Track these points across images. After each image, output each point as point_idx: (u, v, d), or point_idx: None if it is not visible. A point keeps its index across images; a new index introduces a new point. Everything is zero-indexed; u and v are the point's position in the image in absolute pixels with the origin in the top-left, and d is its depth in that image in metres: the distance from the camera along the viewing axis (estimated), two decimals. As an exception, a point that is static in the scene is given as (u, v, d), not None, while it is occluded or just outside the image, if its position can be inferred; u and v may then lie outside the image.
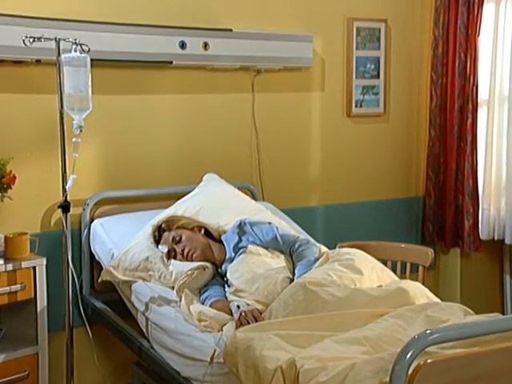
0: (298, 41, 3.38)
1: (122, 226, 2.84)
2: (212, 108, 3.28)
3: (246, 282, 2.27)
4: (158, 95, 3.14)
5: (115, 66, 2.97)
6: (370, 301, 1.99)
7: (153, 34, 2.99)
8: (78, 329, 2.75)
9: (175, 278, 2.43)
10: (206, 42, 3.11)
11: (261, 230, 2.51)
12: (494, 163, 3.60)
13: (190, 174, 3.16)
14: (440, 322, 1.81)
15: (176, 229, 2.55)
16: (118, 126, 3.05)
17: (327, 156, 3.64)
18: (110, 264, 2.59)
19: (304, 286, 2.01)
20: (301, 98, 3.55)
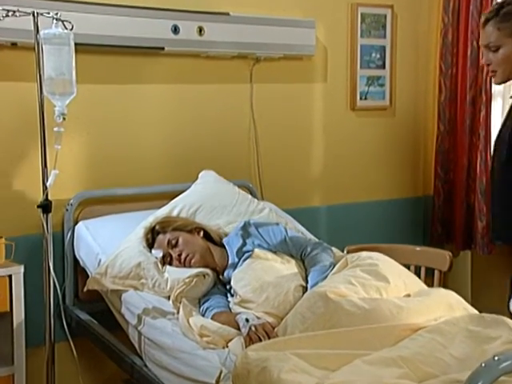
0: (300, 27, 3.14)
1: (110, 228, 2.58)
2: (207, 99, 3.04)
3: (253, 292, 2.00)
4: (148, 85, 2.89)
5: (100, 51, 2.71)
6: (401, 313, 1.72)
7: (143, 17, 2.73)
8: (60, 344, 2.46)
9: (171, 287, 2.17)
10: (200, 27, 2.87)
11: (268, 231, 2.25)
12: (510, 159, 3.35)
13: (184, 171, 2.91)
14: (487, 338, 1.56)
15: (172, 231, 2.28)
16: (105, 119, 2.80)
17: (330, 152, 3.41)
18: (96, 271, 2.32)
19: (324, 295, 1.74)
20: (302, 89, 3.31)
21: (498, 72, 2.05)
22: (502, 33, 1.99)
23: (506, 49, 2.00)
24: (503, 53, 2.01)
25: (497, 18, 1.99)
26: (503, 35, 1.99)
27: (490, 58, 2.05)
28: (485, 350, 1.50)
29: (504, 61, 2.01)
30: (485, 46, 2.07)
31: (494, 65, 2.05)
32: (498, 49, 2.01)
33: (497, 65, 2.04)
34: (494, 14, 2.00)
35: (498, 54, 2.02)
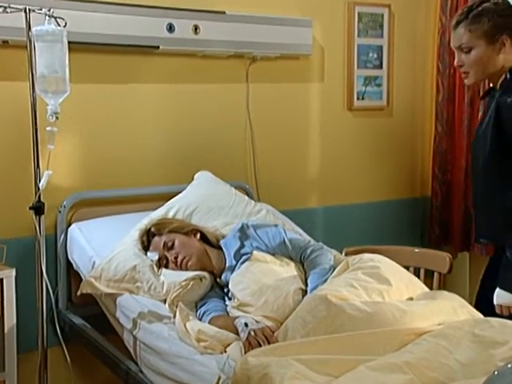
0: (296, 26, 3.10)
1: (105, 230, 2.52)
2: (203, 99, 2.99)
3: (252, 295, 1.95)
4: (143, 84, 2.84)
5: (94, 50, 2.66)
6: (404, 316, 1.68)
7: (137, 15, 2.69)
8: (52, 349, 2.40)
9: (167, 290, 2.12)
10: (196, 25, 2.82)
11: (266, 233, 2.20)
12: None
13: (179, 172, 2.87)
14: (494, 343, 1.51)
15: (168, 233, 2.23)
16: (98, 119, 2.75)
17: (326, 153, 3.37)
18: (90, 274, 2.26)
19: (326, 299, 1.69)
20: (299, 89, 3.27)
21: (471, 73, 2.07)
22: (473, 34, 2.01)
23: (477, 50, 2.02)
24: (475, 54, 2.03)
25: (467, 20, 2.02)
26: (474, 37, 2.01)
27: (462, 60, 2.07)
28: (492, 355, 1.45)
29: (476, 62, 2.03)
30: (457, 48, 2.08)
31: (466, 66, 2.07)
32: (470, 50, 2.03)
33: (469, 66, 2.05)
34: (464, 16, 2.03)
35: (470, 55, 2.04)
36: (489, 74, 2.07)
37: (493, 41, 2.01)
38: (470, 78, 2.09)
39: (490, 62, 2.03)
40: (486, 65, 2.04)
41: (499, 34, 2.00)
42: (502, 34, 2.00)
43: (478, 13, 2.00)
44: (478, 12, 2.00)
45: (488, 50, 2.01)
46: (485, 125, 2.06)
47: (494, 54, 2.02)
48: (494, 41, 2.01)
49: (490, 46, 2.01)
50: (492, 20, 1.99)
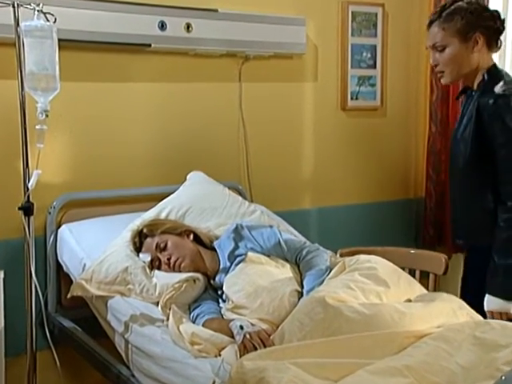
0: (290, 24, 3.06)
1: (95, 231, 2.47)
2: (195, 98, 2.95)
3: (247, 297, 1.91)
4: (134, 83, 2.79)
5: (84, 48, 2.62)
6: (403, 319, 1.64)
7: (128, 12, 2.64)
8: (42, 352, 2.34)
9: (160, 292, 2.08)
10: (188, 23, 2.78)
11: (261, 234, 2.15)
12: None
13: (171, 172, 2.82)
14: (496, 345, 1.48)
15: (160, 234, 2.18)
16: (89, 118, 2.70)
17: (320, 153, 3.33)
18: (81, 277, 2.21)
19: (323, 301, 1.65)
20: (292, 88, 3.23)
21: (446, 72, 2.08)
22: (446, 33, 2.03)
23: (451, 48, 2.03)
24: (449, 52, 2.04)
25: (441, 19, 2.04)
26: (448, 35, 2.03)
27: (436, 59, 2.08)
28: (495, 359, 1.42)
29: (451, 60, 2.05)
30: (431, 47, 2.09)
31: (441, 65, 2.08)
32: (444, 48, 2.04)
33: (444, 65, 2.07)
34: (437, 15, 2.06)
35: (444, 53, 2.05)
36: (464, 73, 2.08)
37: (466, 39, 2.02)
38: (445, 77, 2.09)
39: (464, 60, 2.04)
40: (461, 63, 2.05)
41: (472, 32, 2.01)
42: (475, 31, 2.01)
43: (450, 11, 2.02)
44: (450, 11, 2.02)
45: (462, 48, 2.02)
46: (464, 126, 2.05)
47: (468, 52, 2.03)
48: (468, 39, 2.02)
49: (463, 44, 2.02)
50: (465, 18, 2.00)
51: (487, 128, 1.98)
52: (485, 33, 2.03)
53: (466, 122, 2.04)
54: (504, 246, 1.99)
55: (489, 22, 2.02)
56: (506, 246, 1.99)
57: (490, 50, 2.08)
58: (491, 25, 2.03)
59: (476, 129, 2.00)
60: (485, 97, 1.99)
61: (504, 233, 1.98)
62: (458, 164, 2.07)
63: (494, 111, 1.96)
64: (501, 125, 1.96)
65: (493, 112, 1.97)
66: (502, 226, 1.98)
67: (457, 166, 2.09)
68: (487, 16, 2.03)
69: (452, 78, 2.10)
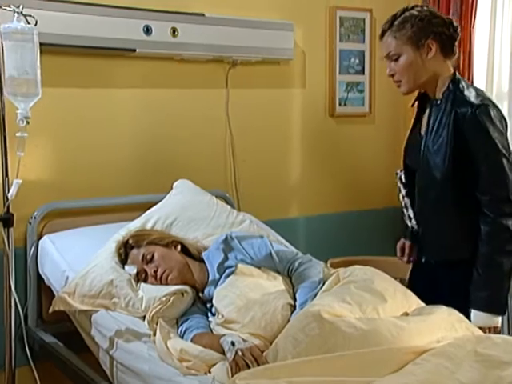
0: (278, 29, 3.02)
1: (78, 242, 2.39)
2: (181, 105, 2.89)
3: (237, 311, 1.83)
4: (118, 89, 2.73)
5: (66, 52, 2.55)
6: (401, 334, 1.57)
7: (113, 16, 2.58)
8: (21, 368, 2.25)
9: (146, 306, 1.99)
10: (174, 28, 2.72)
11: (251, 245, 2.08)
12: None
13: (157, 181, 2.76)
14: (500, 363, 1.42)
15: (146, 245, 2.11)
16: (71, 125, 2.62)
17: (308, 160, 3.28)
18: (64, 290, 2.12)
19: (318, 315, 1.58)
20: (280, 95, 3.19)
21: (403, 81, 2.06)
22: (399, 41, 2.02)
23: (405, 56, 2.02)
24: (404, 60, 2.02)
25: (392, 28, 2.03)
26: (401, 43, 2.02)
27: (392, 68, 2.06)
28: (500, 378, 1.36)
29: (406, 68, 2.03)
30: (386, 57, 2.08)
31: (397, 74, 2.06)
32: (399, 57, 2.03)
33: (400, 74, 2.05)
34: (389, 24, 2.05)
35: (399, 62, 2.03)
36: (422, 81, 2.06)
37: (419, 46, 2.00)
38: (403, 86, 2.07)
39: (419, 67, 2.02)
40: (416, 71, 2.03)
41: (424, 39, 2.00)
42: (427, 38, 2.00)
43: (401, 20, 2.02)
44: (401, 19, 2.02)
45: (416, 55, 2.01)
46: (439, 137, 2.00)
47: (423, 59, 2.02)
48: (420, 46, 2.00)
49: (416, 51, 2.01)
50: (415, 25, 1.99)
51: (468, 139, 1.94)
52: (437, 39, 2.00)
53: (441, 133, 2.00)
54: (488, 260, 1.95)
55: (440, 28, 2.00)
56: (490, 260, 1.95)
57: (447, 58, 2.06)
58: (443, 31, 2.01)
59: (455, 140, 1.95)
60: (462, 107, 1.95)
61: (487, 246, 1.95)
62: (434, 177, 2.02)
63: (475, 122, 1.93)
64: (484, 135, 1.93)
65: (474, 123, 1.93)
66: (484, 240, 1.95)
67: (431, 180, 2.04)
68: (438, 22, 2.01)
69: (409, 86, 2.07)
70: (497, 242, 1.94)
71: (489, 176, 1.94)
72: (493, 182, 1.95)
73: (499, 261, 1.94)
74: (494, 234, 1.94)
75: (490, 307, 1.93)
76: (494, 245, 1.95)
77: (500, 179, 1.95)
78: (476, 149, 1.94)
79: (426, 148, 2.04)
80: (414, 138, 2.19)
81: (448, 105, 2.00)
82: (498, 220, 1.93)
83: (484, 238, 1.95)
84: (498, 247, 1.94)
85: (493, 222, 1.94)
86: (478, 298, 1.94)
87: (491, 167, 1.94)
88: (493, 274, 1.95)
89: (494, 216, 1.94)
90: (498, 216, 1.93)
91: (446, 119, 1.99)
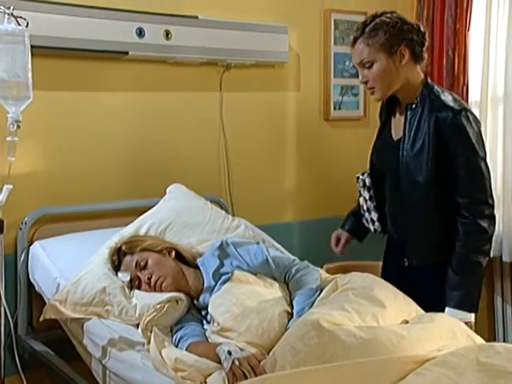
0: (272, 32, 2.99)
1: (70, 249, 2.34)
2: (174, 108, 2.86)
3: (234, 319, 1.80)
4: (110, 92, 2.69)
5: (58, 55, 2.51)
6: (402, 342, 1.54)
7: (105, 18, 2.53)
8: (10, 378, 2.22)
9: (140, 314, 1.95)
10: (167, 31, 2.69)
11: (248, 251, 2.04)
12: (488, 172, 3.24)
13: (150, 185, 2.72)
14: (504, 372, 1.39)
15: (140, 251, 2.06)
16: (63, 129, 2.58)
17: (303, 164, 3.25)
18: (55, 298, 2.07)
19: (317, 324, 1.55)
20: (274, 98, 3.15)
21: (377, 88, 2.07)
22: (372, 48, 2.02)
23: (379, 63, 2.02)
24: (378, 67, 2.03)
25: (364, 35, 2.03)
26: (374, 50, 2.02)
27: (366, 75, 2.07)
28: (505, 388, 1.33)
29: (380, 75, 2.03)
30: (359, 64, 2.08)
31: (371, 81, 2.06)
32: (372, 64, 2.03)
33: (374, 80, 2.05)
34: (360, 32, 2.05)
35: (372, 69, 2.04)
36: (395, 87, 2.07)
37: (392, 52, 2.01)
38: (376, 92, 2.08)
39: (393, 74, 2.03)
40: (390, 78, 2.04)
41: (397, 46, 2.01)
42: (400, 45, 2.01)
43: (373, 27, 2.02)
44: (372, 26, 2.03)
45: (389, 62, 2.02)
46: (419, 141, 2.03)
47: (396, 65, 2.03)
48: (393, 52, 2.01)
49: (390, 58, 2.02)
50: (388, 32, 2.00)
51: (448, 142, 1.98)
52: (409, 45, 2.02)
53: (420, 136, 2.03)
54: (465, 260, 2.00)
55: (411, 35, 2.03)
56: (467, 260, 2.00)
57: (417, 63, 2.08)
58: (413, 37, 2.03)
59: (436, 143, 1.99)
60: (442, 112, 1.99)
61: (465, 247, 2.00)
62: (416, 180, 2.04)
63: (457, 126, 1.97)
64: (465, 140, 1.98)
65: (456, 127, 1.97)
66: (462, 240, 2.00)
67: (413, 183, 2.06)
68: (408, 29, 2.03)
69: (383, 92, 2.08)
70: (474, 242, 2.00)
71: (468, 179, 1.99)
72: (472, 185, 2.00)
73: (476, 260, 2.00)
74: (472, 234, 2.00)
75: (466, 305, 1.98)
76: (472, 245, 2.00)
77: (479, 182, 2.01)
78: (457, 153, 1.98)
79: (405, 151, 2.06)
80: (385, 142, 2.22)
81: (425, 109, 2.03)
82: (477, 221, 1.99)
83: (462, 238, 2.00)
84: (474, 247, 2.00)
85: (471, 223, 1.99)
86: (454, 296, 1.98)
87: (471, 170, 1.99)
88: (469, 274, 2.00)
89: (472, 218, 1.99)
90: (477, 218, 1.99)
91: (424, 123, 2.03)
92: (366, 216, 2.32)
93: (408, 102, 2.09)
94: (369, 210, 2.30)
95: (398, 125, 2.15)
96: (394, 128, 2.19)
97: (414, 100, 2.07)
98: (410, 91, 2.07)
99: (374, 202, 2.28)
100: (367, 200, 2.29)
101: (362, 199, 2.32)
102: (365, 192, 2.29)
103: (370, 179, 2.28)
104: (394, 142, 2.14)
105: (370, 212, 2.29)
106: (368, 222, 2.33)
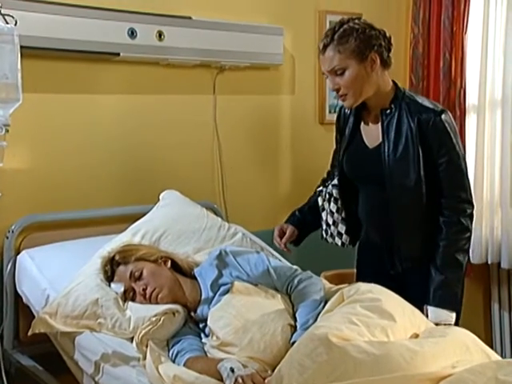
0: (267, 33, 2.92)
1: (60, 258, 2.25)
2: (166, 111, 2.78)
3: (235, 333, 1.71)
4: (101, 95, 2.60)
5: (47, 56, 2.42)
6: (415, 358, 1.46)
7: (96, 18, 2.45)
8: (-4, 394, 2.12)
9: (135, 327, 1.86)
10: (160, 31, 2.61)
11: (248, 261, 1.96)
12: (486, 177, 3.20)
13: (141, 191, 2.64)
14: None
15: (134, 261, 1.97)
16: (52, 133, 2.49)
17: (298, 168, 3.18)
18: (44, 310, 1.97)
19: (326, 339, 1.46)
20: (269, 101, 3.09)
21: (349, 95, 2.03)
22: (343, 55, 1.99)
23: (351, 70, 1.99)
24: (350, 74, 2.00)
25: (334, 42, 2.00)
26: (345, 57, 1.99)
27: (337, 82, 2.03)
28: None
29: (352, 82, 2.00)
30: (329, 72, 2.04)
31: (343, 88, 2.03)
32: (344, 71, 2.00)
33: (346, 87, 2.02)
34: (330, 38, 2.01)
35: (344, 76, 2.01)
36: (367, 94, 2.04)
37: (363, 59, 1.99)
38: (348, 99, 2.05)
39: (365, 80, 2.01)
40: (362, 84, 2.01)
41: (368, 51, 1.99)
42: (370, 51, 2.00)
43: (342, 33, 2.00)
44: (342, 32, 2.00)
45: (360, 68, 2.00)
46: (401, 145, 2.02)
47: (368, 71, 2.01)
48: (364, 58, 1.99)
49: (361, 64, 1.99)
50: (358, 38, 1.98)
51: (431, 144, 1.99)
52: (379, 51, 2.01)
53: (402, 140, 2.02)
54: (449, 259, 2.01)
55: (379, 41, 2.01)
56: (451, 259, 2.01)
57: (386, 69, 2.07)
58: (382, 43, 2.02)
59: (420, 145, 1.99)
60: (423, 113, 1.99)
61: (449, 246, 2.01)
62: (404, 184, 2.03)
63: (440, 127, 1.98)
64: (448, 141, 1.99)
65: (439, 128, 1.98)
66: (446, 240, 2.01)
67: (402, 187, 2.04)
68: (376, 34, 2.02)
69: (356, 99, 2.04)
70: (458, 241, 2.02)
71: (451, 179, 2.01)
72: (455, 184, 2.02)
73: (459, 259, 2.02)
74: (456, 233, 2.01)
75: (449, 304, 1.99)
76: (456, 244, 2.01)
77: (461, 182, 2.03)
78: (440, 153, 1.99)
79: (388, 157, 2.04)
80: (359, 150, 2.17)
81: (402, 112, 2.03)
82: (461, 220, 2.01)
83: (445, 237, 2.01)
84: (458, 246, 2.02)
85: (455, 222, 2.01)
86: (438, 295, 1.99)
87: (454, 171, 2.01)
88: (452, 273, 2.01)
89: (456, 217, 2.01)
90: (461, 217, 2.01)
91: (404, 126, 2.02)
92: (331, 230, 2.27)
93: (380, 107, 2.07)
94: (335, 224, 2.26)
95: (370, 133, 2.13)
96: (366, 136, 2.15)
97: (386, 105, 2.06)
98: (382, 97, 2.06)
99: (342, 214, 2.24)
100: (334, 213, 2.25)
101: (325, 213, 2.28)
102: (331, 205, 2.25)
103: (337, 190, 2.23)
104: (371, 149, 2.12)
105: (336, 225, 2.26)
106: (333, 237, 2.29)
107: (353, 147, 2.19)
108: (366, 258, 2.28)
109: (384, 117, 2.06)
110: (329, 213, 2.27)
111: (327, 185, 2.30)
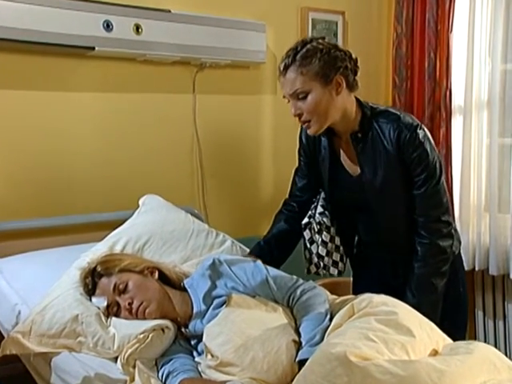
0: (249, 29, 2.80)
1: (32, 270, 2.06)
2: (144, 111, 2.63)
3: (235, 351, 1.54)
4: (74, 92, 2.45)
5: (15, 49, 2.26)
6: (442, 379, 1.32)
7: (69, 9, 2.30)
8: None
9: (119, 346, 1.67)
10: (137, 25, 2.47)
11: (244, 270, 1.79)
12: (473, 181, 3.11)
13: (119, 196, 2.50)
14: None
15: (118, 273, 1.79)
16: (21, 133, 2.33)
17: (281, 172, 3.02)
18: (17, 329, 1.76)
19: (345, 358, 1.31)
20: (250, 101, 2.97)
21: (313, 121, 1.86)
22: (305, 77, 1.81)
23: (314, 93, 1.82)
24: (313, 97, 1.82)
25: (296, 63, 1.82)
26: (308, 79, 1.81)
27: (299, 107, 1.85)
28: None
29: (316, 107, 1.83)
30: (291, 96, 1.85)
31: (306, 114, 1.84)
32: (307, 95, 1.82)
33: (309, 113, 1.84)
34: (291, 59, 1.83)
35: (307, 100, 1.82)
36: (332, 119, 1.88)
37: (327, 82, 1.82)
38: (313, 126, 1.86)
39: (330, 105, 1.84)
40: (327, 109, 1.84)
41: (332, 74, 1.82)
42: (336, 73, 1.83)
43: (305, 54, 1.81)
44: (304, 53, 1.82)
45: (325, 91, 1.82)
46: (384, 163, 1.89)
47: (333, 95, 1.84)
48: (329, 82, 1.82)
49: (325, 87, 1.82)
50: (322, 59, 1.81)
51: (407, 161, 1.87)
52: (344, 74, 1.84)
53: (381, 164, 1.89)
54: (425, 282, 1.92)
55: (345, 62, 1.84)
56: (426, 282, 1.92)
57: (351, 91, 1.90)
58: (347, 65, 1.85)
59: (400, 164, 1.88)
60: (396, 130, 1.85)
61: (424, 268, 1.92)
62: (398, 203, 1.94)
63: (417, 143, 1.86)
64: (425, 157, 1.87)
65: (416, 144, 1.86)
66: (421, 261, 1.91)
67: (396, 206, 1.95)
68: (342, 56, 1.84)
69: (321, 125, 1.87)
70: (433, 263, 1.92)
71: (427, 197, 1.90)
72: (430, 203, 1.91)
73: (435, 283, 1.92)
74: (431, 255, 1.92)
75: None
76: (431, 267, 1.92)
77: (437, 200, 1.92)
78: (417, 171, 1.88)
79: (370, 185, 1.92)
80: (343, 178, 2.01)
81: (375, 134, 1.88)
82: (436, 242, 1.91)
83: (421, 259, 1.92)
84: (433, 269, 1.92)
85: (430, 244, 1.91)
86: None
87: (430, 188, 1.89)
88: (428, 296, 1.92)
89: (431, 238, 1.91)
90: (435, 238, 1.91)
91: (380, 149, 1.88)
92: (324, 262, 2.09)
93: (350, 132, 1.92)
94: (329, 254, 2.08)
95: (350, 159, 1.98)
96: (345, 163, 2.00)
97: (355, 128, 1.91)
98: (349, 121, 1.90)
99: (336, 242, 2.09)
100: (327, 243, 2.07)
101: (315, 246, 2.08)
102: (323, 235, 2.06)
103: (327, 218, 2.06)
104: (355, 178, 1.98)
105: (330, 255, 2.09)
106: (328, 268, 2.11)
107: (339, 176, 2.02)
108: (364, 269, 2.16)
109: (355, 142, 1.91)
110: (320, 244, 2.08)
111: (309, 216, 2.09)
